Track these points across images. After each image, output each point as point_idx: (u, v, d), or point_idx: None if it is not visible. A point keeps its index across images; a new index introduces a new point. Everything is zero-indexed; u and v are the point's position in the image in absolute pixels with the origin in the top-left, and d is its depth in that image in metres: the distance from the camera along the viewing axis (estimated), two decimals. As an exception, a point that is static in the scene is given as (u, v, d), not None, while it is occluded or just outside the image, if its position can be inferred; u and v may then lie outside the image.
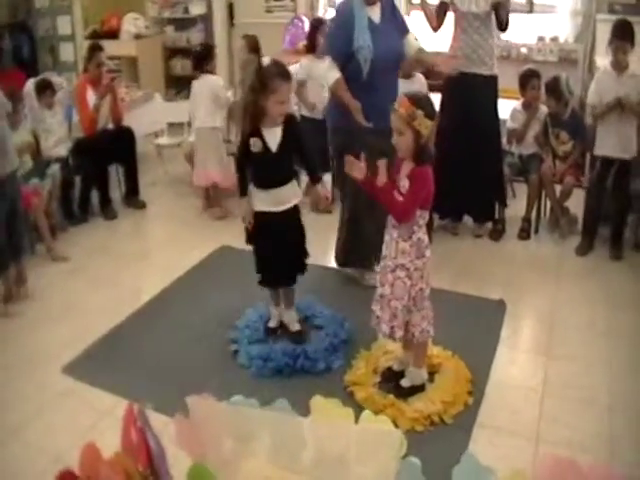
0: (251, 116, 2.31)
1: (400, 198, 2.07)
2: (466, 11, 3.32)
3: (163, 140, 4.80)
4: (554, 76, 3.59)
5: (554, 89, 3.52)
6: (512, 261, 3.40)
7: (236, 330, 2.67)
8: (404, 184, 2.08)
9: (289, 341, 2.58)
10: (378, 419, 1.14)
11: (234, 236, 3.70)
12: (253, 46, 3.96)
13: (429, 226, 2.29)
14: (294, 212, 2.46)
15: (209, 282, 3.20)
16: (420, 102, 2.02)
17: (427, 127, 2.00)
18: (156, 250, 3.66)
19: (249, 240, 2.53)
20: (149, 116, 4.74)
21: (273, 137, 2.33)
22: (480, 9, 3.28)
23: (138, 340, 2.72)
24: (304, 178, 2.91)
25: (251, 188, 2.43)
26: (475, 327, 2.73)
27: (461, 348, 2.49)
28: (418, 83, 3.66)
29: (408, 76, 3.63)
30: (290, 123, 2.35)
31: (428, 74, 3.79)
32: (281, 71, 2.29)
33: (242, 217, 2.47)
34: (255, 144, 2.32)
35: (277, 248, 2.45)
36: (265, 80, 2.25)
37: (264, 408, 1.22)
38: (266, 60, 2.37)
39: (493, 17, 3.31)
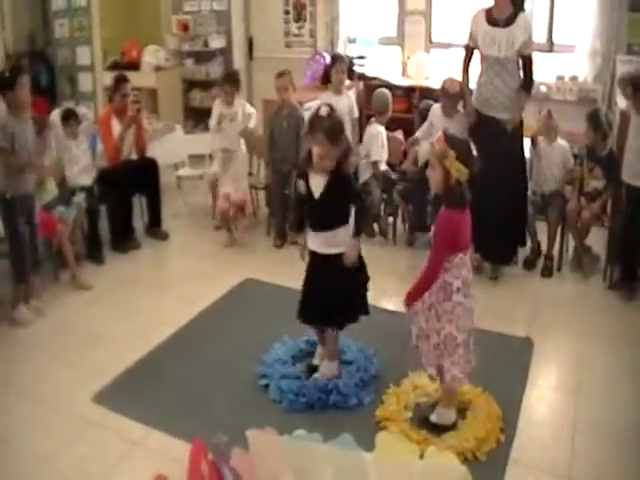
0: (305, 158, 2.46)
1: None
2: (487, 54, 3.42)
3: (184, 171, 4.99)
4: (594, 108, 3.76)
5: (594, 120, 3.61)
6: (535, 299, 3.50)
7: (265, 365, 2.77)
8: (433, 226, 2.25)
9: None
10: (443, 455, 1.23)
11: (258, 268, 3.86)
12: None
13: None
14: (339, 258, 2.48)
15: (234, 315, 3.31)
16: (455, 143, 2.14)
17: (458, 170, 2.11)
18: (180, 281, 3.77)
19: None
20: (170, 147, 4.93)
21: (316, 184, 2.44)
22: (502, 54, 3.37)
23: (166, 371, 2.82)
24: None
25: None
26: (504, 364, 2.82)
27: (491, 385, 2.58)
28: (458, 122, 3.68)
29: (450, 114, 3.69)
30: (337, 176, 2.41)
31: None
32: (327, 127, 2.34)
33: (300, 253, 2.59)
34: (300, 186, 2.47)
35: (318, 288, 2.54)
36: (313, 128, 2.38)
37: (327, 443, 1.30)
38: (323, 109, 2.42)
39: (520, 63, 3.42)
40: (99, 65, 5.72)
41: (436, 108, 3.78)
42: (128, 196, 4.21)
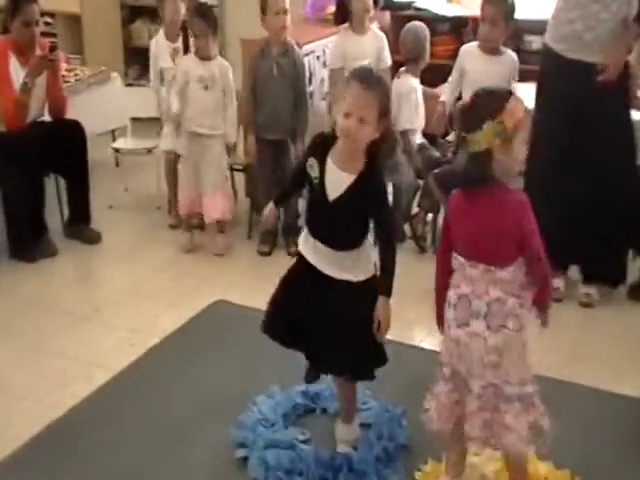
0: (329, 134, 2.48)
1: None
2: None
3: (125, 143, 5.02)
4: None
5: None
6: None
7: (243, 428, 2.78)
8: None
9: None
10: None
11: (235, 286, 3.88)
12: None
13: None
14: (350, 289, 2.51)
15: (199, 355, 3.33)
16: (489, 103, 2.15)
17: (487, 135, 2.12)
18: (117, 305, 3.80)
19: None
20: (103, 106, 4.96)
21: (336, 181, 2.44)
22: None
23: (93, 441, 2.79)
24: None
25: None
26: (606, 437, 2.80)
27: (586, 468, 2.57)
28: (502, 65, 3.70)
29: (493, 50, 3.69)
30: (369, 172, 2.42)
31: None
32: (364, 71, 2.46)
33: (262, 222, 2.70)
34: (312, 166, 2.46)
35: (305, 313, 2.58)
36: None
37: None
38: None
39: None
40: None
41: (468, 47, 3.81)
42: (38, 177, 4.23)
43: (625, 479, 2.64)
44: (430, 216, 4.37)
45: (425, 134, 4.41)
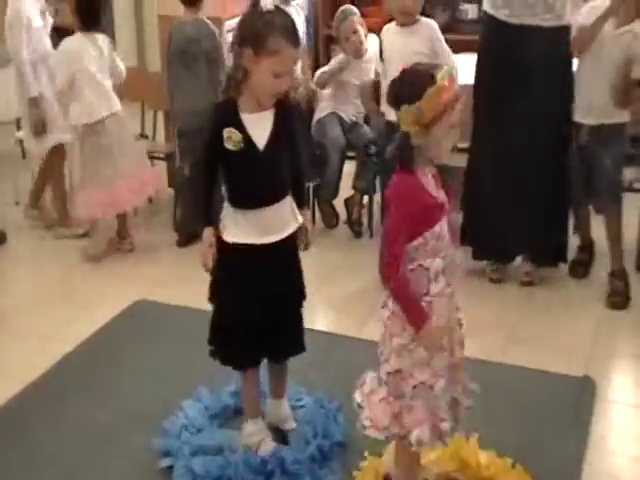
0: (234, 85, 2.44)
1: None
2: None
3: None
4: None
5: None
6: (596, 316, 3.58)
7: (167, 435, 2.77)
8: None
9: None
10: None
11: (158, 284, 3.88)
12: None
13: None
14: (290, 244, 2.58)
15: (119, 359, 3.32)
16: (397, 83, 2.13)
17: (406, 119, 2.08)
18: (25, 311, 3.77)
19: (213, 295, 2.63)
20: (5, 92, 4.86)
21: (260, 127, 2.46)
22: None
23: (2, 462, 2.75)
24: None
25: (226, 210, 2.54)
26: (548, 420, 2.84)
27: (526, 454, 2.59)
28: (420, 35, 3.76)
29: (408, 22, 3.77)
30: (284, 107, 2.49)
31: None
32: (289, 28, 2.38)
33: (202, 258, 2.57)
34: (232, 138, 2.43)
35: (263, 303, 2.57)
36: (261, 33, 2.33)
37: None
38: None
39: None
40: None
41: (385, 30, 3.91)
42: None
43: (568, 462, 2.65)
44: (366, 198, 4.40)
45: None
